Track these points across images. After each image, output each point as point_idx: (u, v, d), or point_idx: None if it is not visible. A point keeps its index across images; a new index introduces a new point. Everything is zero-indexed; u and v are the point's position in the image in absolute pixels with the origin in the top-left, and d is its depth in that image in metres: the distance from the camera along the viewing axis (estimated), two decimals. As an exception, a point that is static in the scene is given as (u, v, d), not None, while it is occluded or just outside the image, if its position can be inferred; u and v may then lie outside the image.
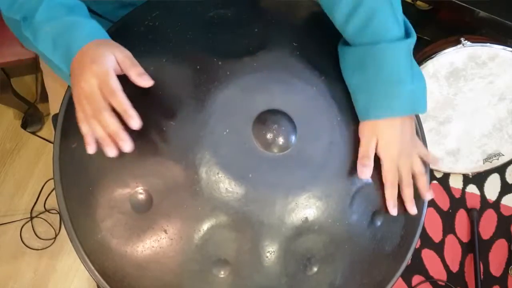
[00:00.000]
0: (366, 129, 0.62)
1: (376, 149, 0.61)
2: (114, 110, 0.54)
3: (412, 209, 0.63)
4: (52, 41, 0.58)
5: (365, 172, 0.60)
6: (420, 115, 0.72)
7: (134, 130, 0.54)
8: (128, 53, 0.57)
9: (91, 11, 0.83)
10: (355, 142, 0.62)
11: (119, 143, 0.53)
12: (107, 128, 0.53)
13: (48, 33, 0.58)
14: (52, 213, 1.37)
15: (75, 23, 0.58)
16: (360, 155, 0.61)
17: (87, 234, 0.58)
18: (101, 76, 0.53)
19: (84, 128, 0.55)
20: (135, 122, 0.53)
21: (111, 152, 0.54)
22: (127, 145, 0.53)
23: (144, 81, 0.55)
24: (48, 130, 1.44)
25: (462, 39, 1.12)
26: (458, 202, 1.51)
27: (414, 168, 0.63)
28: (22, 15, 0.59)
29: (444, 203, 1.50)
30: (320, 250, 0.59)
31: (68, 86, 0.63)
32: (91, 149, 0.55)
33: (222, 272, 0.56)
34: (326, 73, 0.64)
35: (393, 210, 0.62)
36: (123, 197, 0.56)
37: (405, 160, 0.62)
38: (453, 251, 1.46)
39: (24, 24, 0.59)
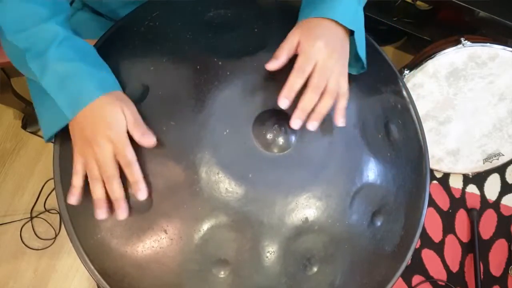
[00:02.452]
0: (300, 25, 0.60)
1: (305, 46, 0.58)
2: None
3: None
4: (60, 82, 0.56)
5: (272, 65, 0.57)
6: (420, 115, 0.72)
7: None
8: (133, 108, 0.57)
9: (94, 11, 0.83)
10: (355, 142, 0.62)
11: (118, 210, 0.55)
12: (113, 194, 0.55)
13: (57, 72, 0.55)
14: (52, 213, 1.36)
15: (88, 71, 0.56)
16: (281, 45, 0.59)
17: (87, 234, 0.58)
18: (118, 145, 0.54)
19: (77, 181, 0.56)
20: (143, 195, 0.55)
21: (103, 215, 0.55)
22: (124, 214, 0.55)
23: (147, 140, 0.55)
24: (48, 130, 1.44)
25: (462, 39, 1.12)
26: (458, 202, 1.51)
27: (340, 85, 0.59)
28: (28, 46, 0.57)
29: (444, 203, 1.50)
30: (320, 250, 0.59)
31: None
32: (74, 200, 0.56)
33: (222, 272, 0.56)
34: (326, 73, 0.64)
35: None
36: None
37: (331, 69, 0.58)
38: (453, 251, 1.46)
39: (28, 55, 0.57)
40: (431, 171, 1.45)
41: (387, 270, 0.65)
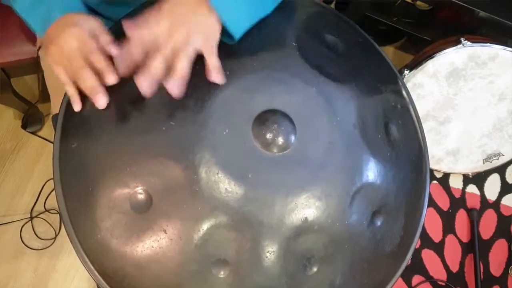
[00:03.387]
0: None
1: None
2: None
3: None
4: (31, 5, 0.62)
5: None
6: (420, 115, 0.72)
7: (135, 131, 0.55)
8: (100, 22, 0.61)
9: (97, 13, 0.83)
10: (355, 142, 0.62)
11: (96, 97, 0.58)
12: (84, 83, 0.58)
13: None
14: (52, 213, 1.37)
15: None
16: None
17: (87, 234, 0.58)
18: (81, 38, 0.58)
19: (70, 89, 0.60)
20: (112, 78, 0.57)
21: (103, 100, 0.58)
22: (103, 99, 0.58)
23: (113, 48, 0.59)
24: (48, 130, 1.44)
25: (462, 39, 1.12)
26: (458, 202, 1.51)
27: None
28: None
29: (444, 203, 1.50)
30: (320, 250, 0.59)
31: None
32: (77, 107, 0.60)
33: (222, 272, 0.56)
34: (325, 73, 0.64)
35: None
36: (123, 197, 0.56)
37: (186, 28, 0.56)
38: (453, 251, 1.46)
39: None
40: (431, 171, 1.45)
41: (387, 270, 0.64)
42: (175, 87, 0.56)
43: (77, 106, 0.61)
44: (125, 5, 0.73)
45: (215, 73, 0.58)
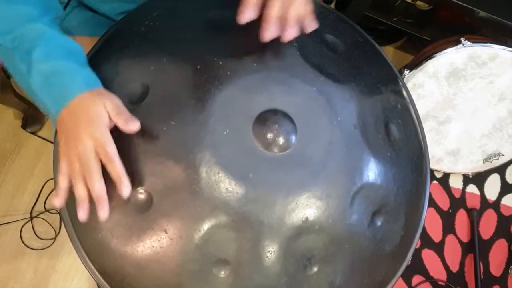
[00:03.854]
0: None
1: None
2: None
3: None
4: (46, 80, 0.57)
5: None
6: (420, 115, 0.72)
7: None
8: (117, 101, 0.57)
9: (93, 10, 0.83)
10: (355, 142, 0.62)
11: (99, 208, 0.54)
12: (93, 190, 0.54)
13: (43, 70, 0.56)
14: (52, 213, 1.37)
15: (72, 69, 0.58)
16: None
17: (87, 234, 0.58)
18: (99, 141, 0.54)
19: (63, 182, 0.55)
20: (127, 191, 0.54)
21: (83, 216, 0.55)
22: (105, 214, 0.54)
23: (131, 126, 0.55)
24: (48, 130, 1.44)
25: (462, 39, 1.12)
26: (458, 202, 1.51)
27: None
28: (16, 46, 0.57)
29: (444, 203, 1.50)
30: (320, 250, 0.59)
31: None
32: (60, 202, 0.56)
33: (222, 272, 0.56)
34: (326, 73, 0.64)
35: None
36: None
37: None
38: (453, 251, 1.46)
39: (16, 53, 0.58)
40: (431, 171, 1.45)
41: (387, 270, 0.65)
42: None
43: (59, 202, 0.56)
44: (122, 1, 0.73)
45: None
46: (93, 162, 0.54)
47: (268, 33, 0.59)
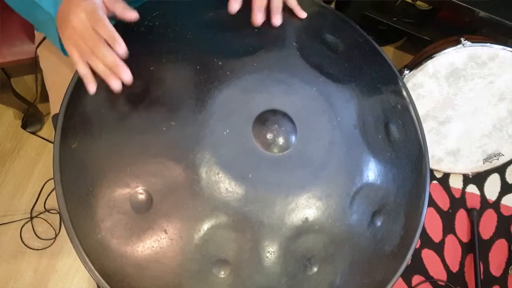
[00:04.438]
0: None
1: None
2: None
3: (276, 20, 0.65)
4: None
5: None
6: (420, 115, 0.72)
7: (135, 131, 0.54)
8: None
9: None
10: (355, 142, 0.62)
11: (120, 74, 0.56)
12: (105, 59, 0.56)
13: None
14: (52, 213, 1.36)
15: None
16: None
17: (87, 234, 0.58)
18: (90, 10, 0.56)
19: (82, 69, 0.58)
20: (121, 47, 0.56)
21: (116, 84, 0.56)
22: (127, 75, 0.56)
23: (130, 13, 0.58)
24: (48, 130, 1.44)
25: (462, 39, 1.12)
26: (458, 202, 1.51)
27: None
28: None
29: (444, 203, 1.50)
30: (320, 250, 0.59)
31: (69, 86, 0.63)
32: (93, 87, 0.57)
33: (222, 272, 0.56)
34: (326, 73, 0.64)
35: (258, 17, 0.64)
36: (123, 197, 0.56)
37: None
38: (453, 251, 1.46)
39: None
40: (431, 171, 1.45)
41: (387, 270, 0.65)
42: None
43: (92, 86, 0.58)
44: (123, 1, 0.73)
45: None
46: (94, 35, 0.56)
47: (257, 19, 0.64)
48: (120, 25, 0.68)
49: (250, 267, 0.57)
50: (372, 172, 0.62)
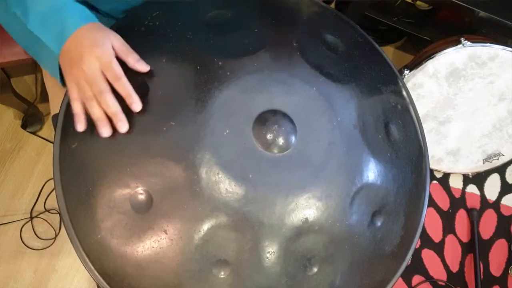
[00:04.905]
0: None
1: None
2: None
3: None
4: (42, 20, 0.58)
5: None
6: (420, 115, 0.72)
7: (135, 131, 0.55)
8: (122, 39, 0.59)
9: (95, 9, 0.83)
10: (355, 143, 0.62)
11: (117, 123, 0.56)
12: (108, 108, 0.56)
13: (38, 11, 0.58)
14: (52, 213, 1.36)
15: (66, 4, 0.59)
16: None
17: (87, 234, 0.58)
18: (104, 60, 0.55)
19: (77, 107, 0.57)
20: (138, 106, 0.56)
21: (107, 132, 0.56)
22: (125, 126, 0.56)
23: (142, 66, 0.58)
24: (48, 130, 1.44)
25: (462, 39, 1.12)
26: (458, 202, 1.51)
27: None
28: None
29: (444, 203, 1.50)
30: (320, 251, 0.59)
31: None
32: (81, 127, 0.57)
33: (222, 273, 0.56)
34: (326, 73, 0.64)
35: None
36: (123, 197, 0.56)
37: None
38: (453, 251, 1.46)
39: (9, 1, 0.59)
40: (431, 171, 1.45)
41: (387, 270, 0.65)
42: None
43: (81, 126, 0.58)
44: (122, 1, 0.73)
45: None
46: (101, 81, 0.55)
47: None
48: (120, 26, 0.68)
49: (250, 267, 0.57)
50: (372, 172, 0.62)
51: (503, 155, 1.34)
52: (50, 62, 0.62)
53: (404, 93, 0.72)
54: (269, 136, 0.58)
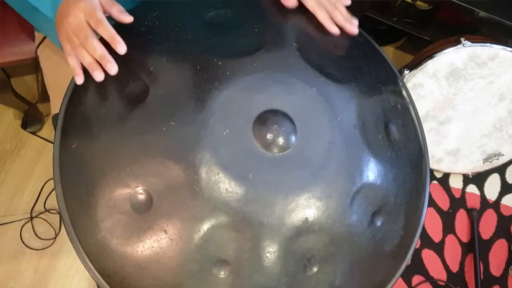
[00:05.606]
0: None
1: None
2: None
3: (352, 29, 0.71)
4: None
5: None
6: (420, 115, 0.72)
7: (135, 131, 0.55)
8: None
9: None
10: (355, 143, 0.62)
11: (106, 65, 0.59)
12: (95, 52, 0.59)
13: None
14: (52, 213, 1.36)
15: None
16: None
17: (87, 234, 0.58)
18: (88, 10, 0.59)
19: (72, 61, 0.61)
20: (122, 47, 0.58)
21: (100, 75, 0.59)
22: (114, 67, 0.59)
23: (126, 17, 0.61)
24: (48, 130, 1.44)
25: (462, 39, 1.12)
26: (458, 202, 1.51)
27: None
28: None
29: (444, 203, 1.50)
30: (320, 250, 0.59)
31: (69, 86, 0.63)
32: (80, 79, 0.61)
33: (222, 272, 0.56)
34: (326, 73, 0.64)
35: (333, 28, 0.69)
36: (123, 197, 0.56)
37: None
38: (453, 251, 1.46)
39: None
40: (431, 171, 1.45)
41: (387, 270, 0.65)
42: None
43: (80, 79, 0.61)
44: (122, 1, 0.73)
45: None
46: (86, 29, 0.59)
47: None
48: (120, 25, 0.68)
49: (250, 267, 0.57)
50: (372, 172, 0.62)
51: (503, 155, 1.34)
52: (49, 29, 0.67)
53: (404, 93, 0.72)
54: (269, 136, 0.58)
